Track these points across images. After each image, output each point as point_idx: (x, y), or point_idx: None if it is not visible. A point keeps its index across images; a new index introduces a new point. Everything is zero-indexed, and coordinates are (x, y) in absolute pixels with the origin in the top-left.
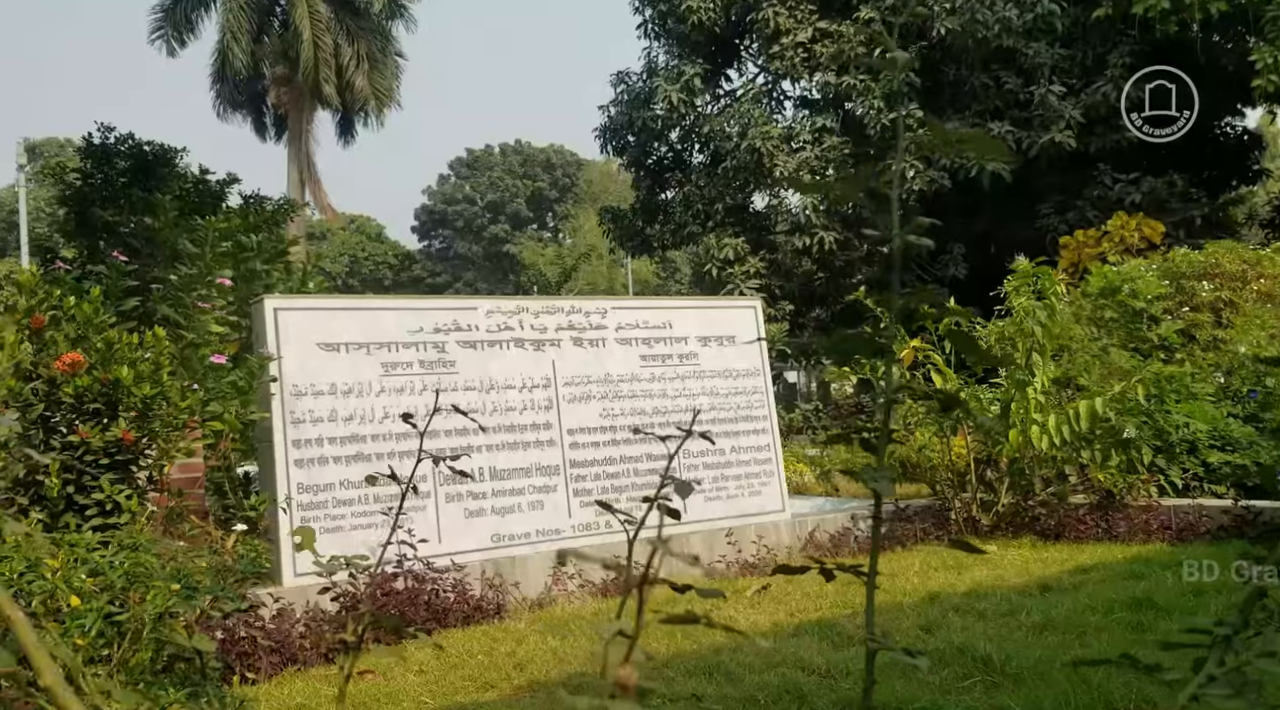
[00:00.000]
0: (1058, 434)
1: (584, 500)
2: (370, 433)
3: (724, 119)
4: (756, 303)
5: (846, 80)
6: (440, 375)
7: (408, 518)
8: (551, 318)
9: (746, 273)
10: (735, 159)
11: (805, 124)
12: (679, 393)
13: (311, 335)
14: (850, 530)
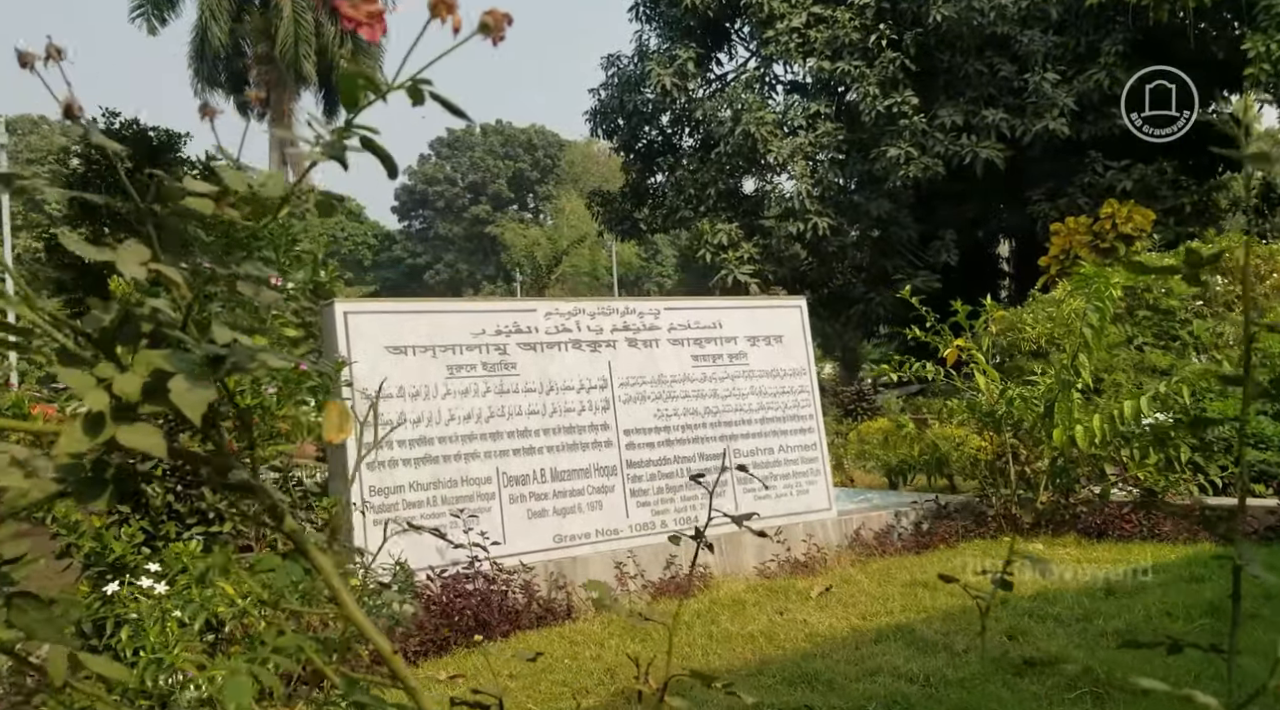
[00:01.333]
0: (1101, 433)
1: (640, 500)
2: (437, 434)
3: (717, 104)
4: (801, 302)
5: (841, 66)
6: (502, 377)
7: (475, 519)
8: (607, 319)
9: (740, 258)
10: (729, 144)
11: (799, 109)
12: (729, 392)
13: (380, 339)
14: (894, 527)
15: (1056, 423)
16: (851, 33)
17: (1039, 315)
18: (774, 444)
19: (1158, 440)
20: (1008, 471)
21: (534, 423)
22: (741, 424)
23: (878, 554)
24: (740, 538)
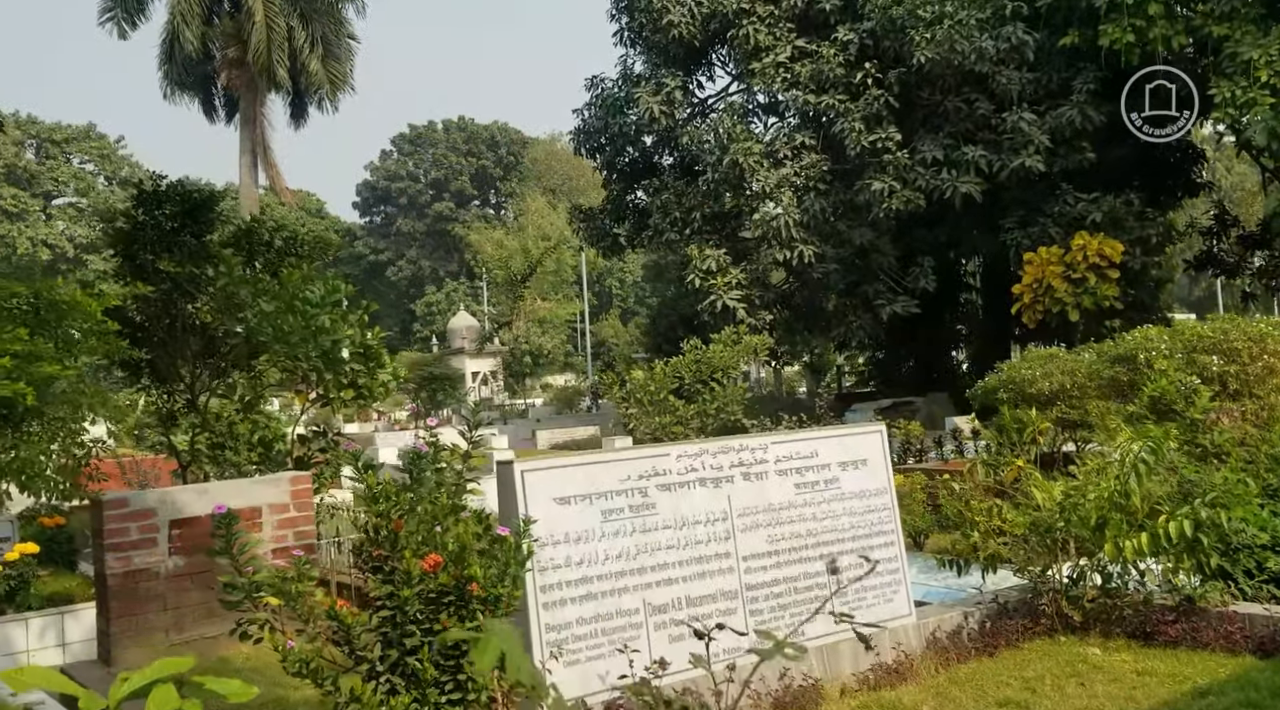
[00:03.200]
0: (1148, 549)
1: (758, 618)
2: (595, 573)
3: (699, 129)
4: (881, 428)
5: (825, 100)
6: (645, 517)
7: (637, 653)
8: (725, 456)
9: (729, 284)
10: (716, 172)
11: (784, 141)
12: (826, 514)
13: (548, 492)
14: (962, 626)
15: (1107, 538)
16: (836, 68)
17: (1050, 369)
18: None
19: (1189, 547)
20: (1057, 563)
21: (671, 556)
22: (837, 543)
23: (954, 658)
24: (838, 646)
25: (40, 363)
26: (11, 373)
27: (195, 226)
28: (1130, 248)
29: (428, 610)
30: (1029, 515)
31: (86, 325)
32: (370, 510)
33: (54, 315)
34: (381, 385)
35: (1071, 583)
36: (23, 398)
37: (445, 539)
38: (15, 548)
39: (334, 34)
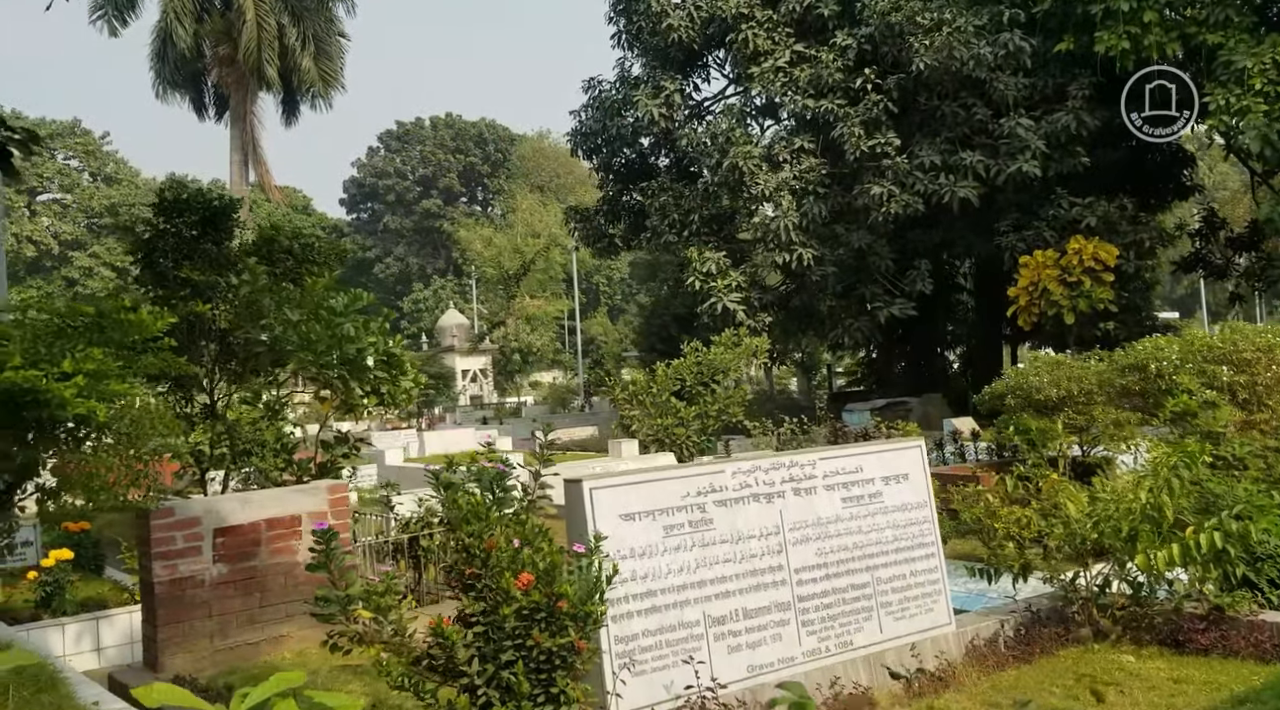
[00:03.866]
0: (1179, 560)
1: (809, 629)
2: (659, 587)
3: (701, 133)
4: (920, 443)
5: (824, 104)
6: (703, 532)
7: (691, 656)
8: (777, 472)
9: (729, 286)
10: (716, 175)
11: (783, 144)
12: (870, 528)
13: (614, 508)
14: (999, 634)
15: (1139, 549)
16: (835, 73)
17: (1057, 376)
18: (906, 570)
19: (1216, 558)
20: (1089, 582)
21: (728, 569)
22: (881, 555)
23: (994, 666)
24: (884, 656)
25: (109, 380)
26: (84, 390)
27: (215, 234)
28: (1124, 251)
29: (521, 626)
30: (1061, 525)
31: (147, 341)
32: (462, 530)
33: (118, 333)
34: (404, 392)
35: (1100, 591)
36: (94, 414)
37: (536, 558)
38: (51, 554)
39: (325, 32)
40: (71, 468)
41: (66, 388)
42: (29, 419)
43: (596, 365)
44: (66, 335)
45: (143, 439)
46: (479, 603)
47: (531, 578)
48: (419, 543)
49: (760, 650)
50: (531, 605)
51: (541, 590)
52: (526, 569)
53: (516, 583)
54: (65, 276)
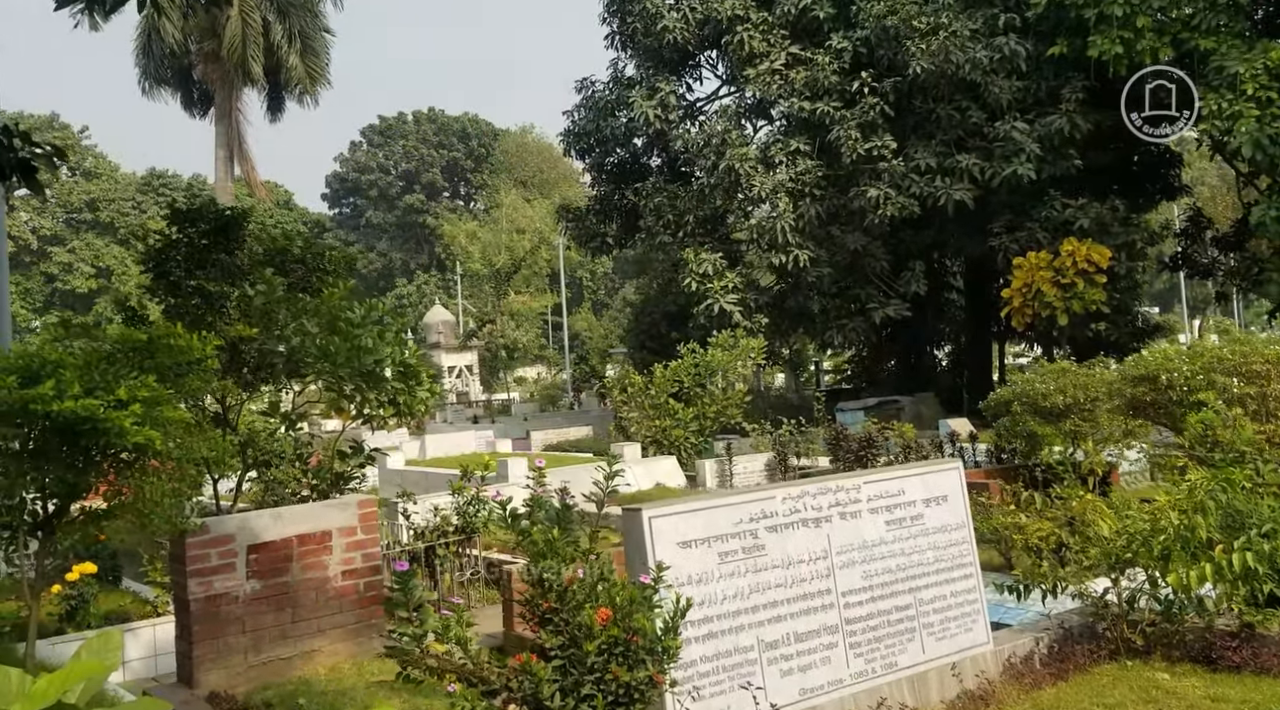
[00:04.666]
0: (1212, 579)
1: (856, 651)
2: (715, 613)
3: (695, 134)
4: (958, 464)
5: (820, 107)
6: (756, 558)
7: (748, 682)
8: (824, 497)
9: (725, 288)
10: (712, 177)
11: (779, 146)
12: (913, 550)
13: (672, 536)
14: (1034, 651)
15: (1172, 568)
16: (830, 75)
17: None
18: (947, 591)
19: (1244, 576)
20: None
21: (780, 594)
22: (923, 576)
23: (1032, 684)
24: (926, 676)
25: (163, 406)
26: (141, 418)
27: (226, 243)
28: (1116, 252)
29: (599, 660)
30: (1094, 546)
31: (193, 363)
32: (539, 566)
33: (168, 357)
34: (421, 402)
35: (1130, 607)
36: (152, 443)
37: (613, 593)
38: (74, 568)
39: (310, 27)
40: (125, 492)
41: (125, 416)
42: (84, 445)
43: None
44: (117, 361)
45: (191, 460)
46: (557, 637)
47: (609, 613)
48: (435, 552)
49: (811, 673)
50: (610, 640)
51: (619, 625)
52: (603, 604)
53: (597, 618)
54: (44, 272)
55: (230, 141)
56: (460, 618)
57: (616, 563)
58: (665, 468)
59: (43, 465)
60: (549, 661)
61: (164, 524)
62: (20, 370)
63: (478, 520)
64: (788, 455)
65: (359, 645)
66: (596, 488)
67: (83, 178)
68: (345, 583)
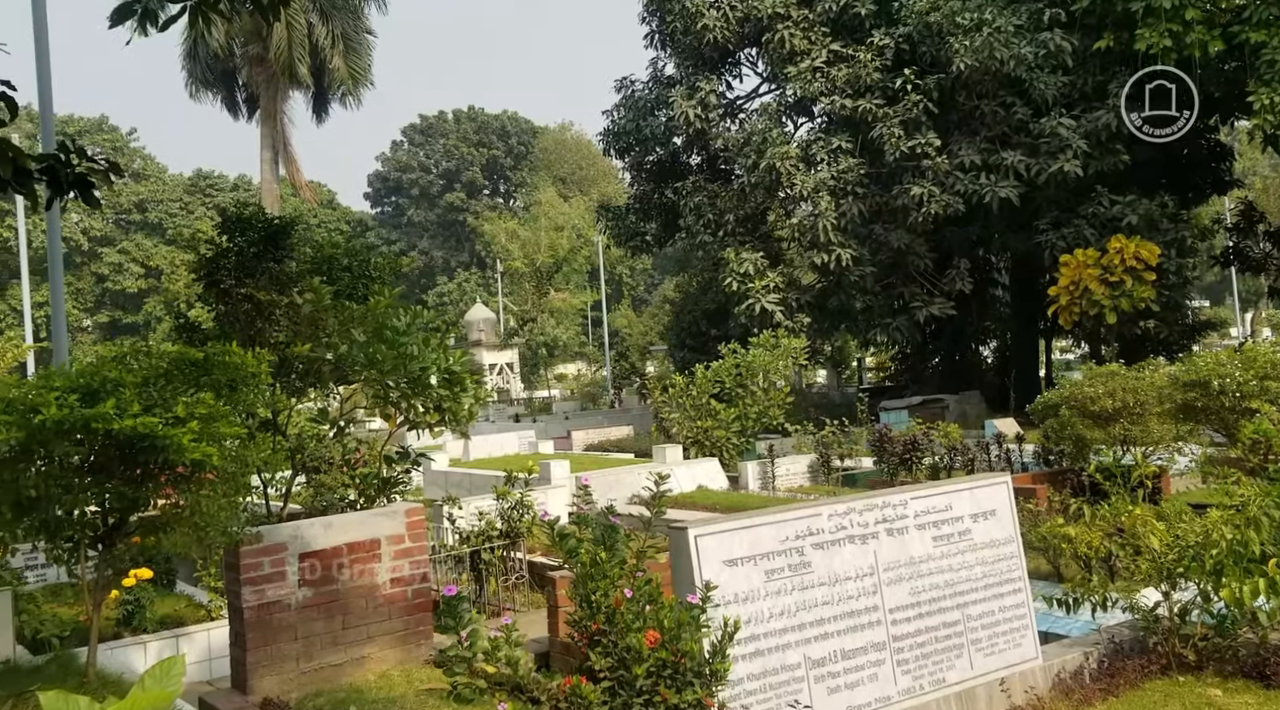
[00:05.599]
0: (1265, 594)
1: (904, 669)
2: (762, 631)
3: (736, 133)
4: (1006, 478)
5: (862, 104)
6: (802, 575)
7: (796, 700)
8: (870, 514)
9: (766, 287)
10: (753, 175)
11: (821, 144)
12: (961, 566)
13: (719, 554)
14: (1083, 666)
15: (1224, 584)
16: (873, 72)
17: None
18: (995, 606)
19: None
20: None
21: (826, 612)
22: (971, 592)
23: (1081, 700)
24: (974, 691)
25: (219, 423)
26: (199, 435)
27: (275, 252)
28: (1165, 249)
29: (648, 683)
30: (1145, 561)
31: (246, 378)
32: (587, 587)
33: (223, 374)
34: (466, 410)
35: (1181, 620)
36: (209, 459)
37: (662, 616)
38: (131, 573)
39: (353, 29)
40: (182, 505)
41: (183, 433)
42: (142, 461)
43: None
44: (174, 378)
45: (247, 473)
46: (606, 659)
47: (658, 636)
48: (480, 556)
49: (858, 690)
50: (658, 662)
51: (667, 648)
52: (651, 626)
53: (645, 641)
54: (95, 272)
55: (275, 143)
56: (510, 637)
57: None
58: (707, 470)
59: (103, 480)
60: (598, 683)
61: (219, 536)
62: (82, 389)
63: (521, 524)
64: (830, 457)
65: (407, 652)
66: (641, 500)
67: (132, 179)
68: (394, 590)
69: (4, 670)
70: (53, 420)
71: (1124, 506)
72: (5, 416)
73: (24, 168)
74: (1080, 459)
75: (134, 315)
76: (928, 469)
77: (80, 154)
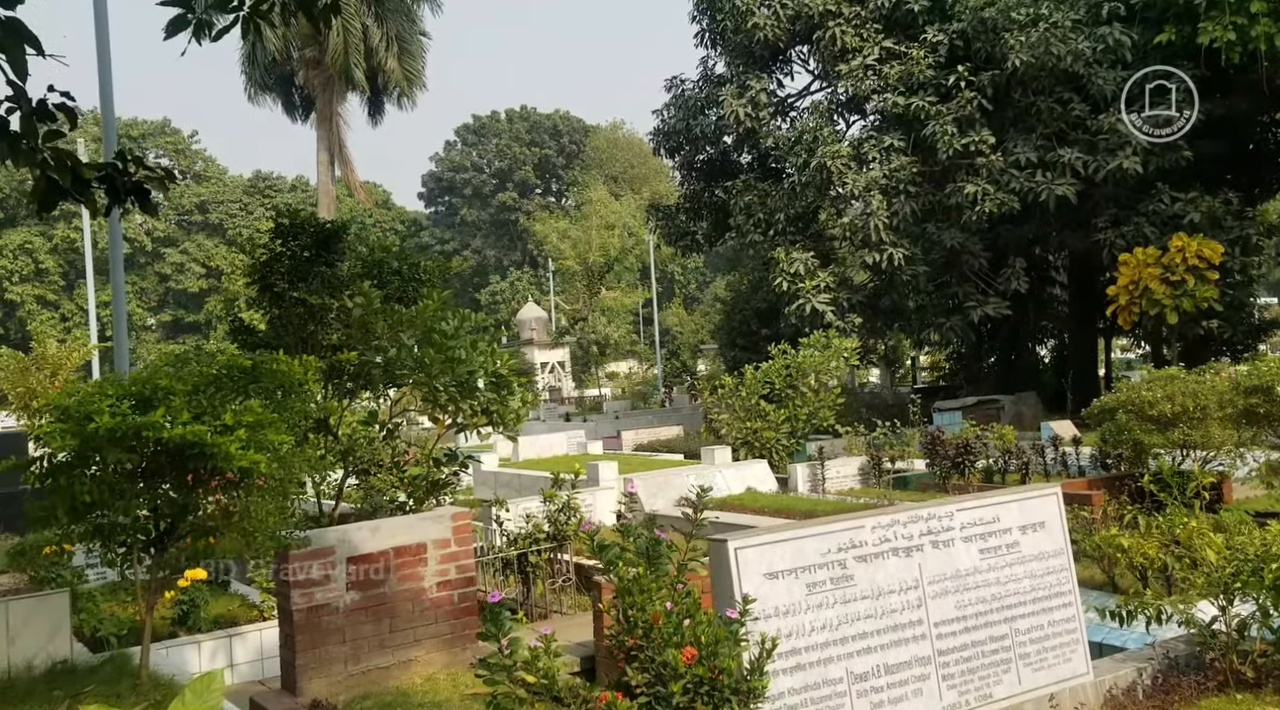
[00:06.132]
0: None
1: (949, 683)
2: (803, 645)
3: (786, 131)
4: (1057, 489)
5: (915, 102)
6: (845, 588)
7: None
8: (915, 526)
9: (817, 287)
10: (803, 175)
11: (872, 143)
12: (1008, 578)
13: (759, 567)
14: (1136, 683)
15: None
16: (925, 69)
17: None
18: (1044, 621)
19: None
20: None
21: (869, 625)
22: (1019, 606)
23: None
24: (1022, 708)
25: (266, 430)
26: (246, 443)
27: (327, 256)
28: (1229, 247)
29: (685, 699)
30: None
31: (293, 386)
32: (625, 601)
33: (270, 381)
34: (513, 413)
35: (1239, 636)
36: (257, 466)
37: (699, 632)
38: (186, 573)
39: (407, 32)
40: (234, 510)
41: (231, 442)
42: (193, 467)
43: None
44: (224, 385)
45: (294, 479)
46: (643, 674)
47: (695, 652)
48: (527, 558)
49: (902, 706)
50: (695, 679)
51: (705, 664)
52: (689, 643)
53: (682, 657)
54: (158, 272)
55: (331, 145)
56: (549, 647)
57: (697, 582)
58: (756, 472)
59: (155, 485)
60: (634, 699)
61: (267, 541)
62: (136, 395)
63: (568, 528)
64: (881, 459)
65: (453, 655)
66: (688, 501)
67: (193, 181)
68: (440, 594)
69: (62, 670)
70: (105, 428)
71: (1179, 518)
72: (61, 425)
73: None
74: (1138, 464)
75: (196, 314)
76: (980, 473)
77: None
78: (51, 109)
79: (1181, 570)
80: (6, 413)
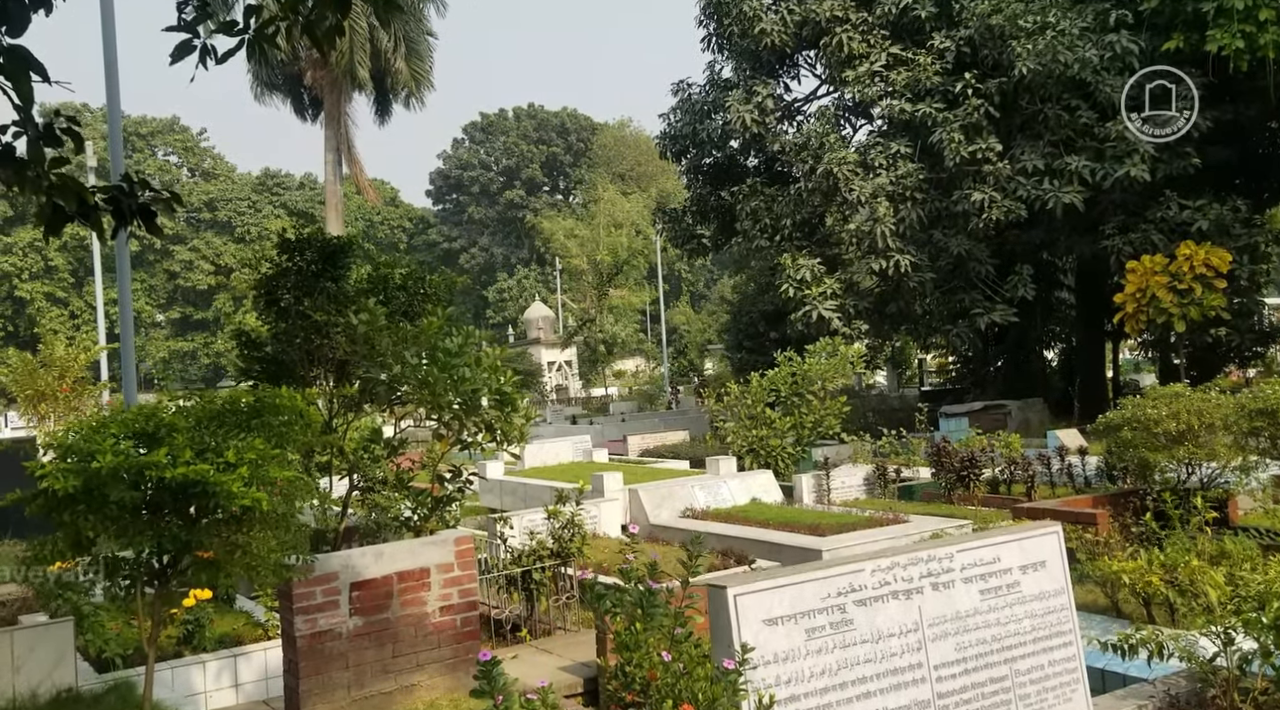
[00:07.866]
0: None
1: None
2: (801, 691)
3: (793, 137)
4: (1057, 528)
5: (922, 108)
6: (844, 633)
7: None
8: (915, 568)
9: (824, 294)
10: (810, 181)
11: (879, 149)
12: (1009, 619)
13: (758, 613)
14: None
15: None
16: (932, 76)
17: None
18: (1044, 660)
19: None
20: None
21: (869, 670)
22: (1019, 646)
23: None
24: None
25: (269, 466)
26: (248, 480)
27: (333, 271)
28: (1237, 256)
29: None
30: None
31: (296, 419)
32: (623, 657)
33: (274, 415)
34: (517, 430)
35: (1242, 672)
36: (259, 505)
37: (696, 689)
38: (191, 593)
39: (414, 32)
40: (237, 545)
41: (232, 480)
42: (196, 504)
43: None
44: (226, 421)
45: (295, 510)
46: None
47: (692, 709)
48: (531, 576)
49: None
50: None
51: None
52: (685, 699)
53: None
54: (167, 270)
55: (339, 144)
56: (546, 700)
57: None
58: (761, 482)
59: (157, 522)
60: None
61: (270, 575)
62: (139, 433)
63: (572, 545)
64: (887, 468)
65: (456, 680)
66: (693, 513)
67: (201, 178)
68: (443, 618)
69: (67, 698)
70: (109, 468)
71: (1181, 557)
72: (65, 464)
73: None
74: (1144, 479)
75: (204, 311)
76: (986, 484)
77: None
78: (58, 134)
79: (1184, 604)
80: (16, 414)
